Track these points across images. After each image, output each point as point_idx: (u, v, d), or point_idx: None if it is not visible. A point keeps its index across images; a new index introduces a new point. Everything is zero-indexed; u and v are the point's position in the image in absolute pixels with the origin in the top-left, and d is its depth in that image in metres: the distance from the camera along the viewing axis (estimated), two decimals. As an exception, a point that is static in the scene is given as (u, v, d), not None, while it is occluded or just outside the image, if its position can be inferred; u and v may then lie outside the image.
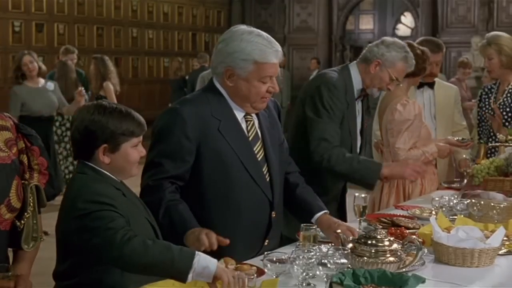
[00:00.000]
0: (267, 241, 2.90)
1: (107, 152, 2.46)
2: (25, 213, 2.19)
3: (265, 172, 2.88)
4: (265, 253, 2.46)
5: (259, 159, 2.87)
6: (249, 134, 2.87)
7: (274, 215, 2.91)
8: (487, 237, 2.76)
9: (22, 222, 2.20)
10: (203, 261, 2.22)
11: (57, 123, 7.70)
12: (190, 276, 2.20)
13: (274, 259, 2.39)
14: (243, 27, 2.84)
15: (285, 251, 2.50)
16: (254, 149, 2.86)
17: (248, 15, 17.67)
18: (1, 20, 12.42)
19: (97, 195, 2.35)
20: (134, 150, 2.50)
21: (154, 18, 15.59)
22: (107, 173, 2.48)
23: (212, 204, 2.81)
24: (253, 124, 2.89)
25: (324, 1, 16.80)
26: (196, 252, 2.25)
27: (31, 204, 2.19)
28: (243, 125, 2.86)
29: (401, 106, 4.02)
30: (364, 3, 19.24)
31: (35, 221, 2.24)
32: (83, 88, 8.01)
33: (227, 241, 2.56)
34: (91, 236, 2.30)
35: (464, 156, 4.53)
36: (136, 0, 15.11)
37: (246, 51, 2.73)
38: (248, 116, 2.88)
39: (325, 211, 2.98)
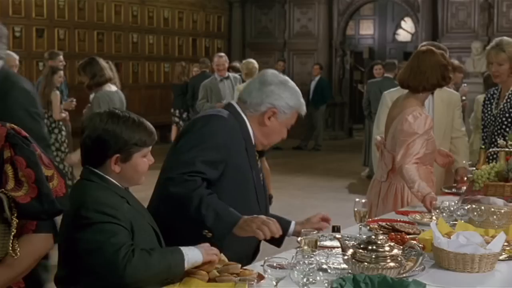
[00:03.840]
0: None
1: (118, 162, 2.47)
2: None
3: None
4: (265, 258, 2.45)
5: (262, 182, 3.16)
6: None
7: None
8: (488, 243, 2.76)
9: None
10: (192, 259, 2.43)
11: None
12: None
13: (274, 264, 2.39)
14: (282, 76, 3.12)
15: (285, 257, 2.50)
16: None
17: (248, 20, 17.68)
18: (1, 25, 12.42)
19: (100, 205, 2.35)
20: (144, 160, 2.53)
21: (155, 23, 15.60)
22: (113, 181, 2.49)
23: None
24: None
25: (324, 7, 16.81)
26: (184, 253, 2.41)
27: None
28: None
29: (412, 118, 3.95)
30: (365, 9, 19.27)
31: None
32: (74, 100, 8.12)
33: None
34: (93, 253, 2.32)
35: (464, 165, 4.52)
36: (136, 5, 15.12)
37: (293, 100, 3.05)
38: None
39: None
